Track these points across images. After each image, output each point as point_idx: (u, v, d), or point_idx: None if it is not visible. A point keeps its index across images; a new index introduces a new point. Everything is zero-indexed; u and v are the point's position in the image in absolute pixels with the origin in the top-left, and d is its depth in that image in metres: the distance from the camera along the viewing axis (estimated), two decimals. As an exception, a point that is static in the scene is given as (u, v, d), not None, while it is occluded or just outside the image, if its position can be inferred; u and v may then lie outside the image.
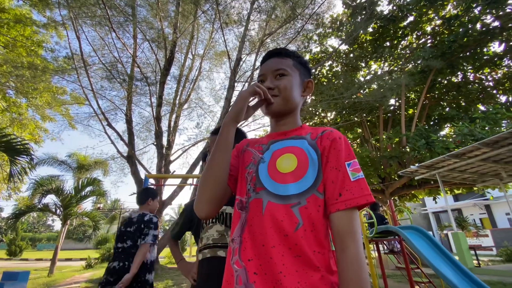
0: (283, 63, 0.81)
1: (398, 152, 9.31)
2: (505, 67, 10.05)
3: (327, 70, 12.22)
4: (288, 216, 0.62)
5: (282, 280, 0.56)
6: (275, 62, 0.81)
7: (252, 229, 0.64)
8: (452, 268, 3.89)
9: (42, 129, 12.88)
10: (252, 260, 0.61)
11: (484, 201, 16.68)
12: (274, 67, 0.80)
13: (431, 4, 9.70)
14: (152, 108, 9.34)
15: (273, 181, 0.67)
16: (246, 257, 0.62)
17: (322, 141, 0.70)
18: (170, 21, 8.93)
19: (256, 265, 0.61)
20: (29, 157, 6.10)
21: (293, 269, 0.57)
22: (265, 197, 0.66)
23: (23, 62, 9.37)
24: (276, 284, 0.57)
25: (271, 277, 0.58)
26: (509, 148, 5.58)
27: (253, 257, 0.61)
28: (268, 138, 0.81)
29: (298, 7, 8.32)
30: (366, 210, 5.20)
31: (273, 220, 0.62)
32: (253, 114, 0.79)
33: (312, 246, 0.60)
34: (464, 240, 6.67)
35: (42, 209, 10.40)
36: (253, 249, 0.62)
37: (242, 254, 0.63)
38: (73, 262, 17.11)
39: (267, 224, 0.62)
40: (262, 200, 0.66)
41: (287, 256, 0.59)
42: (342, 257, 0.58)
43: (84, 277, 8.83)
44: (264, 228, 0.62)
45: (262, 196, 0.67)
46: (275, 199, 0.64)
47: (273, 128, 0.83)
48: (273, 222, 0.62)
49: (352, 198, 0.61)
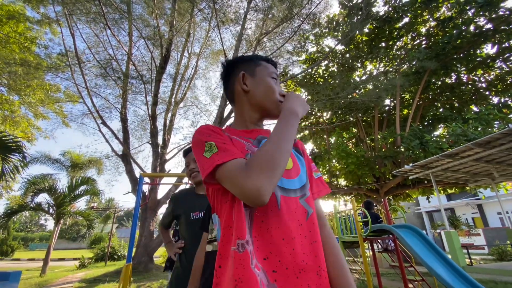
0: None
1: (392, 152, 9.40)
2: (497, 69, 10.22)
3: (323, 70, 12.28)
4: (298, 207, 0.68)
5: (305, 268, 0.61)
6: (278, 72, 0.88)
7: (266, 225, 0.62)
8: (445, 267, 3.94)
9: (35, 127, 12.70)
10: (268, 259, 0.60)
11: (476, 201, 16.94)
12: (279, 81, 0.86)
13: (426, 6, 9.81)
14: (147, 107, 9.27)
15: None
16: (261, 256, 0.60)
17: (299, 146, 0.86)
18: (166, 19, 8.86)
19: (274, 263, 0.60)
20: (21, 155, 6.01)
21: (313, 255, 0.64)
22: (277, 192, 0.67)
23: (16, 58, 9.22)
24: (299, 274, 0.60)
25: (293, 269, 0.60)
26: (500, 148, 5.68)
27: (269, 255, 0.60)
28: (251, 133, 0.79)
29: (295, 7, 8.33)
30: (361, 209, 5.24)
31: (289, 212, 0.66)
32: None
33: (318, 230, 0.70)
34: (457, 239, 6.76)
35: (35, 208, 10.27)
36: (268, 246, 0.61)
37: (257, 255, 0.59)
38: (66, 262, 16.91)
39: (285, 217, 0.64)
40: (275, 194, 0.66)
41: (305, 244, 0.64)
42: (325, 230, 0.76)
43: (77, 277, 8.73)
44: (283, 221, 0.63)
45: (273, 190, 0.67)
46: (285, 193, 0.68)
47: (253, 125, 0.82)
48: (290, 214, 0.65)
49: (321, 190, 0.84)
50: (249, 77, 0.81)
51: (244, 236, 0.60)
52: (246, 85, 0.80)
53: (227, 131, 0.76)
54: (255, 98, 0.80)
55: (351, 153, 9.90)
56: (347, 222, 5.47)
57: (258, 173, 0.56)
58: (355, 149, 10.96)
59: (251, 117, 0.81)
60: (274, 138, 0.63)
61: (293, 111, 0.71)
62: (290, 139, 0.65)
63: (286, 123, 0.68)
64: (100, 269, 10.51)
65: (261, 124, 0.84)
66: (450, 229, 7.19)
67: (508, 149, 5.76)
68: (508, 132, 5.16)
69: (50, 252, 9.88)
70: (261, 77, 0.81)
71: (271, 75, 0.82)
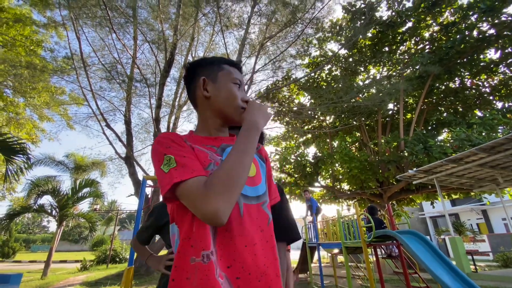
0: None
1: (396, 157, 9.35)
2: (501, 74, 10.18)
3: (326, 74, 12.30)
4: (260, 213, 0.71)
5: (266, 271, 0.64)
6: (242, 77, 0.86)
7: (229, 234, 0.63)
8: (449, 273, 3.90)
9: (39, 129, 12.81)
10: (232, 266, 0.61)
11: (481, 206, 16.76)
12: (244, 85, 0.85)
13: (429, 11, 9.84)
14: (151, 110, 9.33)
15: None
16: (224, 265, 0.61)
17: (262, 153, 0.88)
18: (170, 23, 8.95)
19: (237, 269, 0.61)
20: (25, 157, 6.05)
21: (273, 258, 0.68)
22: (240, 200, 0.68)
23: (22, 61, 9.33)
24: (261, 277, 0.63)
25: (255, 273, 0.62)
26: (505, 154, 5.62)
27: (232, 263, 0.61)
28: (214, 140, 0.77)
29: (298, 12, 8.39)
30: (365, 214, 5.21)
31: (251, 219, 0.68)
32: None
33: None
34: (461, 245, 6.67)
35: (38, 210, 10.31)
36: (231, 254, 0.61)
37: (220, 264, 0.60)
38: (68, 264, 16.91)
39: (247, 224, 0.66)
40: (238, 203, 0.67)
41: (266, 249, 0.67)
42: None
43: (79, 279, 8.72)
44: (245, 229, 0.65)
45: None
46: (247, 201, 0.70)
47: (216, 131, 0.80)
48: (252, 222, 0.67)
49: (275, 198, 0.88)
50: (210, 82, 0.79)
51: (209, 247, 0.60)
52: (207, 91, 0.78)
53: (189, 139, 0.74)
54: (217, 104, 0.78)
55: (354, 157, 9.87)
56: (350, 227, 5.43)
57: (216, 195, 0.55)
58: (358, 153, 10.92)
59: (214, 123, 0.79)
60: (234, 155, 0.62)
61: (254, 124, 0.70)
62: (251, 153, 0.65)
63: (247, 137, 0.67)
64: (102, 272, 10.50)
65: (225, 130, 0.83)
66: (454, 235, 7.11)
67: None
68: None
69: (52, 254, 9.88)
70: (222, 83, 0.79)
71: (234, 81, 0.80)
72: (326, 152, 11.97)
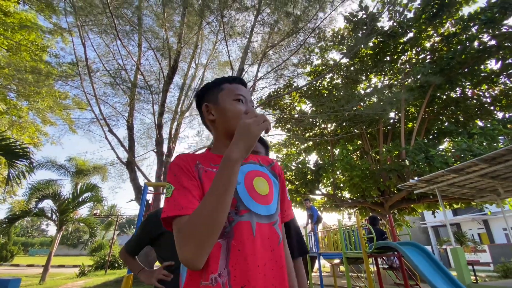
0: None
1: (397, 165, 9.35)
2: (501, 84, 10.26)
3: (328, 82, 12.39)
4: (271, 233, 0.71)
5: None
6: (248, 93, 0.86)
7: (242, 253, 0.63)
8: (449, 285, 3.88)
9: (42, 133, 12.89)
10: (245, 286, 0.61)
11: (482, 216, 16.65)
12: (249, 97, 0.84)
13: (430, 21, 9.96)
14: (154, 115, 9.39)
15: (256, 203, 0.72)
16: (238, 285, 0.60)
17: (276, 169, 0.88)
18: (175, 31, 9.08)
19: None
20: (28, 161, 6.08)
21: (281, 279, 0.68)
22: (253, 219, 0.68)
23: (26, 66, 9.45)
24: None
25: None
26: (505, 164, 5.63)
27: (246, 283, 0.61)
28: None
29: (300, 21, 8.51)
30: (366, 224, 5.20)
31: (263, 239, 0.68)
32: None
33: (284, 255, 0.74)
34: (463, 256, 6.62)
35: (38, 214, 10.29)
36: (245, 274, 0.62)
37: (233, 285, 0.60)
38: (66, 269, 16.79)
39: (259, 244, 0.66)
40: (250, 222, 0.67)
41: (275, 269, 0.67)
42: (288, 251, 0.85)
43: (77, 285, 8.66)
44: (257, 249, 0.65)
45: (249, 219, 0.68)
46: (260, 220, 0.70)
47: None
48: (263, 242, 0.68)
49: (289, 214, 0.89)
50: (212, 105, 0.81)
51: (216, 270, 0.61)
52: (212, 115, 0.81)
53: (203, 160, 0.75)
54: (222, 125, 0.80)
55: (355, 166, 9.87)
56: (351, 237, 5.42)
57: (189, 243, 0.55)
58: (359, 161, 10.92)
59: (225, 142, 0.80)
60: (208, 198, 0.59)
61: (226, 158, 0.62)
62: (225, 192, 0.59)
63: (221, 176, 0.61)
64: (100, 278, 10.42)
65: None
66: (456, 245, 7.06)
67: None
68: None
69: (50, 259, 9.83)
70: (223, 103, 0.80)
71: (236, 97, 0.80)
72: (327, 159, 11.98)
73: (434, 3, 9.71)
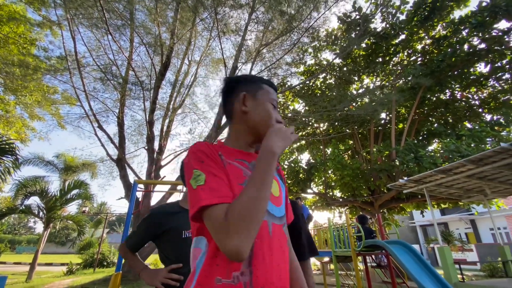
0: None
1: (387, 165, 9.48)
2: (490, 87, 10.48)
3: (321, 82, 12.46)
4: (281, 234, 0.72)
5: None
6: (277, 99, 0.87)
7: (261, 253, 0.63)
8: (435, 284, 3.95)
9: (29, 128, 12.57)
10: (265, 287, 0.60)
11: (470, 216, 17.04)
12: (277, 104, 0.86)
13: (422, 24, 10.10)
14: (145, 112, 9.27)
15: (271, 203, 0.72)
16: (258, 285, 0.59)
17: (281, 173, 0.89)
18: (168, 27, 8.96)
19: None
20: (14, 157, 5.92)
21: (288, 279, 0.69)
22: (269, 219, 0.69)
23: (14, 59, 9.19)
24: None
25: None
26: (492, 166, 5.76)
27: (265, 283, 0.60)
28: (247, 155, 0.78)
29: (294, 21, 8.51)
30: (355, 223, 5.25)
31: (276, 238, 0.69)
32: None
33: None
34: (449, 255, 6.75)
35: (24, 211, 10.06)
36: (264, 275, 0.61)
37: (254, 284, 0.59)
38: (54, 267, 16.49)
39: (275, 244, 0.67)
40: (267, 222, 0.68)
41: (284, 269, 0.68)
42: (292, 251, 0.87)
43: (64, 283, 8.50)
44: (273, 248, 0.66)
45: (267, 218, 0.68)
46: (275, 220, 0.71)
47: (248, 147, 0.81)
48: (277, 241, 0.68)
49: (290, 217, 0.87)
50: (250, 98, 0.80)
51: (239, 267, 0.59)
52: (246, 106, 0.79)
53: (223, 152, 0.73)
54: (252, 120, 0.78)
55: (346, 165, 9.96)
56: (341, 235, 5.46)
57: (236, 232, 0.54)
58: (350, 161, 11.02)
59: (247, 138, 0.80)
60: (252, 187, 0.59)
61: (268, 149, 0.66)
62: (269, 182, 0.61)
63: (265, 165, 0.63)
64: (88, 276, 10.26)
65: (257, 146, 0.83)
66: (443, 244, 7.19)
67: (500, 167, 5.84)
68: (500, 150, 5.25)
69: (37, 257, 9.63)
70: (261, 101, 0.80)
71: (271, 101, 0.81)
72: (319, 159, 12.06)
73: (426, 6, 9.84)
